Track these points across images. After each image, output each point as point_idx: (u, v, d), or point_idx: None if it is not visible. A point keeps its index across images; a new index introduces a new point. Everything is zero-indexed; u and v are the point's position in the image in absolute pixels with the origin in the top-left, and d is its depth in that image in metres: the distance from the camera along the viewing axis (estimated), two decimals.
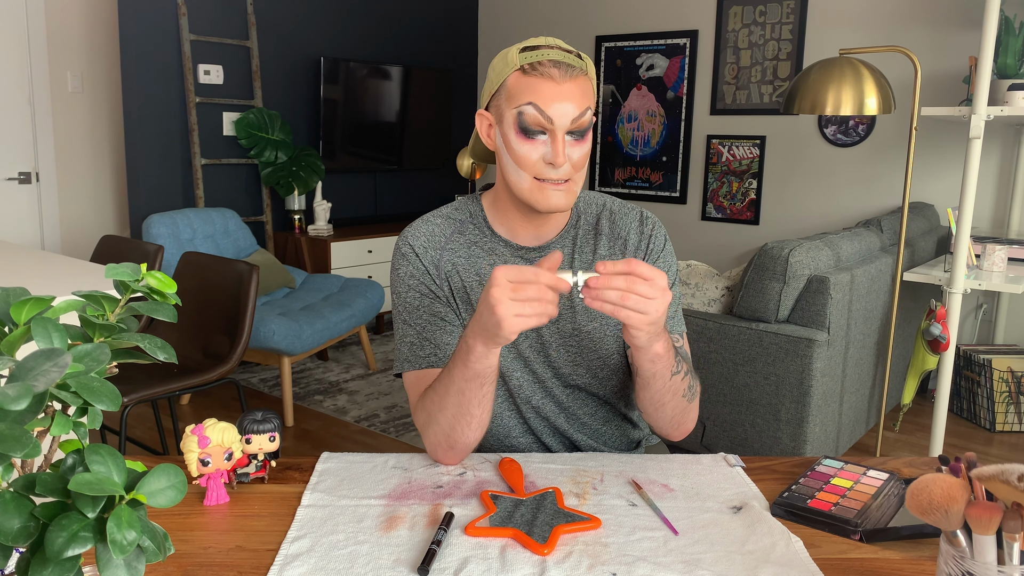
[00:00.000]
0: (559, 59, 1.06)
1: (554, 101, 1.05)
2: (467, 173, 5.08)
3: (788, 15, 4.20)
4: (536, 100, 1.05)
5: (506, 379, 1.21)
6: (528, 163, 1.08)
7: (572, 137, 1.08)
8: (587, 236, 1.22)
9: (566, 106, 1.05)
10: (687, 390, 1.12)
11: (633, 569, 0.85)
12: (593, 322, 1.20)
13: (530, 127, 1.06)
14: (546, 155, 1.07)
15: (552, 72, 1.05)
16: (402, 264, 1.20)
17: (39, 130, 4.06)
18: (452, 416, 1.05)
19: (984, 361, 3.29)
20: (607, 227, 1.23)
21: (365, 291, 3.73)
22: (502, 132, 1.11)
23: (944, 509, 0.72)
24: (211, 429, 1.00)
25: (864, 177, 4.08)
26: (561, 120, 1.05)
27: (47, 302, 0.59)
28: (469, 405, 1.03)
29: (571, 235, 1.21)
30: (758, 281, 2.58)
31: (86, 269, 2.25)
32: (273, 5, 4.34)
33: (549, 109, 1.05)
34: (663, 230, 1.25)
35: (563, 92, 1.05)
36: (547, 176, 1.07)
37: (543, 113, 1.05)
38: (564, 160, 1.06)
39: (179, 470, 0.56)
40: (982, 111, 2.51)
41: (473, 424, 1.05)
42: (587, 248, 1.22)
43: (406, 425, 3.25)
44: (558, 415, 1.24)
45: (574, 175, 1.09)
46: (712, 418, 2.69)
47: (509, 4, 5.34)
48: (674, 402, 1.11)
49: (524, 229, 1.19)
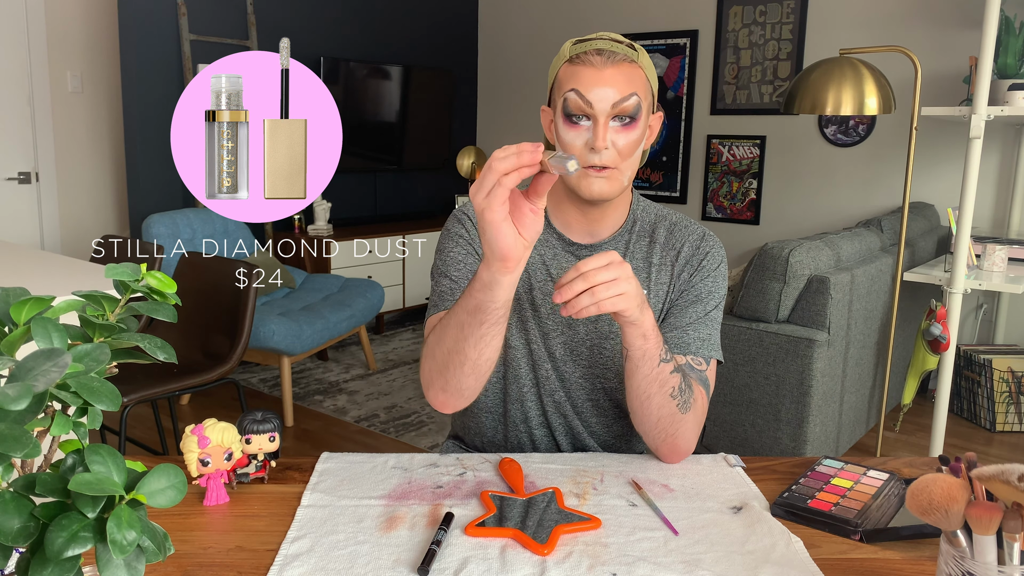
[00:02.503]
0: (603, 47, 1.09)
1: (594, 86, 1.07)
2: (467, 173, 5.08)
3: (788, 15, 4.20)
4: (578, 86, 1.08)
5: (536, 368, 1.22)
6: (573, 149, 1.10)
7: (618, 123, 1.09)
8: (640, 241, 1.22)
9: (606, 91, 1.07)
10: (676, 390, 1.08)
11: (633, 569, 0.85)
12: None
13: (573, 112, 1.09)
14: (589, 140, 1.08)
15: (594, 59, 1.08)
16: (457, 226, 1.22)
17: (39, 130, 4.06)
18: (447, 351, 1.02)
19: (984, 361, 3.29)
20: (663, 236, 1.23)
21: (365, 291, 3.73)
22: (555, 123, 1.13)
23: (944, 509, 0.72)
24: (211, 429, 1.00)
25: (864, 177, 4.08)
26: (601, 104, 1.07)
27: (47, 302, 0.59)
28: (464, 342, 0.99)
29: (624, 238, 1.22)
30: (758, 281, 2.58)
31: (86, 269, 2.25)
32: (273, 5, 4.34)
33: (589, 93, 1.07)
34: (723, 252, 1.24)
35: (604, 77, 1.07)
36: (591, 161, 1.09)
37: (583, 97, 1.07)
38: (605, 144, 1.07)
39: (179, 470, 0.56)
40: (982, 111, 2.51)
41: (467, 367, 1.01)
42: (639, 254, 1.22)
43: (406, 425, 3.25)
44: (577, 416, 1.25)
45: (620, 163, 1.10)
46: (712, 418, 2.69)
47: (509, 4, 5.34)
48: (661, 397, 1.07)
49: (578, 224, 1.20)
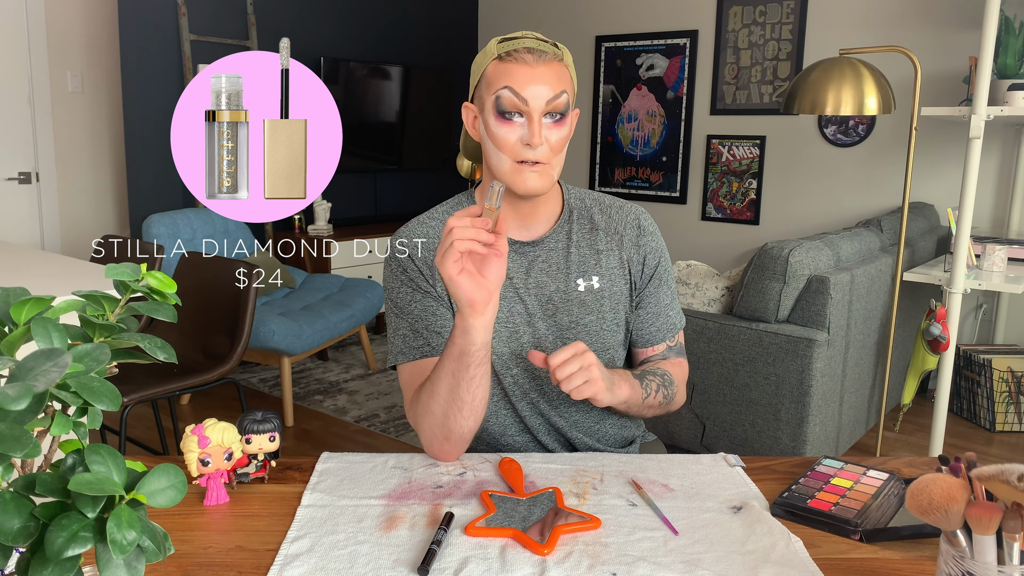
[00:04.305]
0: (533, 46, 1.12)
1: (528, 84, 1.10)
2: (467, 173, 5.07)
3: (788, 15, 4.20)
4: (511, 83, 1.10)
5: (500, 378, 1.22)
6: (507, 145, 1.12)
7: (549, 119, 1.12)
8: (582, 230, 1.25)
9: (540, 88, 1.10)
10: (663, 401, 1.23)
11: (633, 569, 0.85)
12: (590, 315, 1.23)
13: (507, 109, 1.11)
14: (523, 136, 1.11)
15: (526, 57, 1.11)
16: (394, 262, 1.23)
17: (39, 130, 4.06)
18: (444, 402, 1.06)
19: (984, 361, 3.29)
20: (603, 221, 1.27)
21: (365, 291, 3.73)
22: (484, 120, 1.14)
23: (944, 509, 0.72)
24: (211, 429, 1.00)
25: (864, 177, 4.08)
26: (536, 101, 1.10)
27: (47, 302, 0.59)
28: (459, 389, 1.05)
29: (565, 229, 1.24)
30: (758, 281, 2.58)
31: (86, 269, 2.25)
32: (273, 5, 4.34)
33: (524, 91, 1.10)
34: (654, 222, 1.32)
35: (537, 75, 1.10)
36: (525, 157, 1.11)
37: (518, 95, 1.10)
38: (540, 141, 1.11)
39: (179, 470, 0.56)
40: (982, 111, 2.51)
41: (465, 411, 1.06)
42: (584, 242, 1.25)
43: (406, 425, 3.25)
44: (555, 412, 1.24)
45: (552, 158, 1.13)
46: (712, 418, 2.69)
47: (509, 4, 5.34)
48: (652, 412, 1.23)
49: (513, 221, 1.22)
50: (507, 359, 1.21)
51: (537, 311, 1.21)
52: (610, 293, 1.24)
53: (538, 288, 1.21)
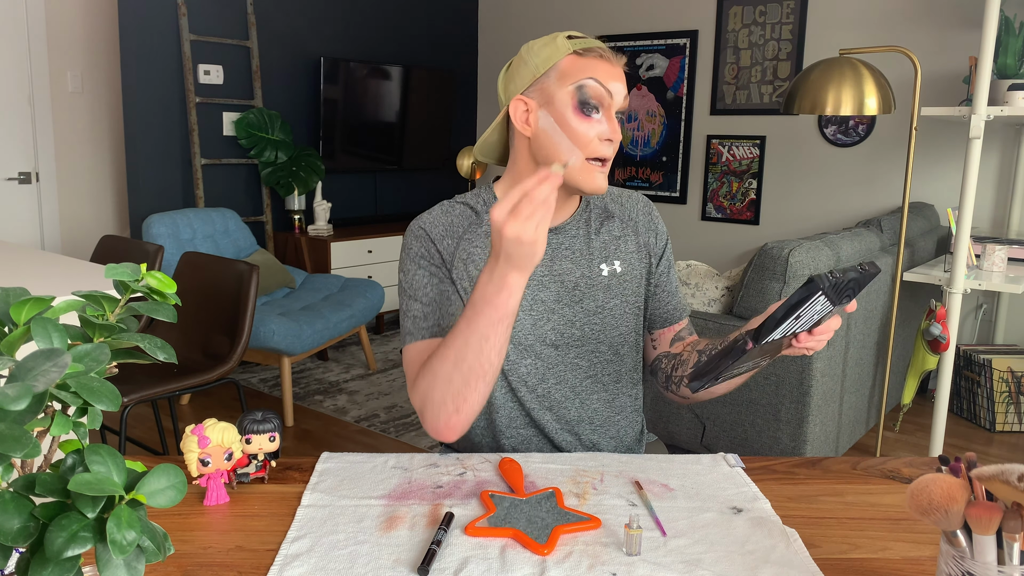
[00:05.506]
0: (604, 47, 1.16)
1: (612, 79, 1.13)
2: (467, 173, 5.08)
3: (788, 15, 4.20)
4: (597, 76, 1.12)
5: (515, 366, 1.22)
6: (585, 141, 1.12)
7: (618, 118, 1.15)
8: (599, 218, 1.28)
9: (621, 86, 1.13)
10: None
11: (633, 569, 0.85)
12: (615, 299, 1.25)
13: (590, 100, 1.11)
14: (601, 132, 1.12)
15: (607, 54, 1.14)
16: (415, 244, 1.22)
17: (39, 130, 4.06)
18: (468, 369, 1.03)
19: (984, 361, 3.29)
20: (616, 209, 1.30)
21: (365, 291, 3.73)
22: (555, 113, 1.13)
23: (944, 509, 0.72)
24: (211, 429, 1.00)
25: (864, 177, 4.08)
26: (618, 97, 1.13)
27: (47, 302, 0.59)
28: (491, 353, 1.02)
29: (584, 217, 1.26)
30: (758, 281, 2.58)
31: (86, 269, 2.25)
32: (273, 5, 4.35)
33: (609, 84, 1.12)
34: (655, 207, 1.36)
35: (616, 73, 1.14)
36: (602, 154, 1.13)
37: (604, 86, 1.12)
38: (620, 136, 1.14)
39: (179, 470, 0.56)
40: (982, 111, 2.51)
41: (488, 377, 1.04)
42: (603, 229, 1.27)
43: (406, 425, 3.25)
44: (569, 402, 1.25)
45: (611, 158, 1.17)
46: (712, 418, 2.69)
47: (509, 4, 5.34)
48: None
49: None
50: (524, 350, 1.21)
51: (565, 297, 1.22)
52: (631, 277, 1.27)
53: (563, 275, 1.23)
